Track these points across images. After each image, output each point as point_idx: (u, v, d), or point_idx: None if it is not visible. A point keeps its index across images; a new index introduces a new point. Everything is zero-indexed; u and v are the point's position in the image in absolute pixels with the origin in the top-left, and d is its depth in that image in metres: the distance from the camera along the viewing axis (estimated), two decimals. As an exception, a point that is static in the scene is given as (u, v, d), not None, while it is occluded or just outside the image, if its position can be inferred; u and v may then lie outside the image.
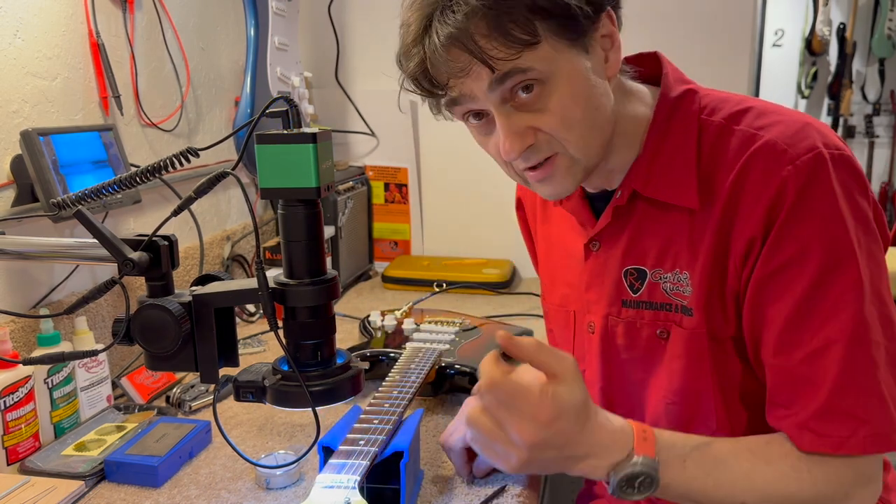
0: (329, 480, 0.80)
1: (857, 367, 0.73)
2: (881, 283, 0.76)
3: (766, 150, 0.76)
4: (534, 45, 0.72)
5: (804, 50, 4.58)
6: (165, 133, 1.51)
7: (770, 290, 0.77)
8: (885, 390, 0.73)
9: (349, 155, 2.08)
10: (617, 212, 0.87)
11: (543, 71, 0.74)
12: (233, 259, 1.69)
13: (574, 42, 0.75)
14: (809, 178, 0.74)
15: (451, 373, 1.20)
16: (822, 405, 0.73)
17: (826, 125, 0.80)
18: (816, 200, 0.74)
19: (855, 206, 0.75)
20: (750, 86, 1.82)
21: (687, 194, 0.81)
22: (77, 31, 1.26)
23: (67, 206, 0.80)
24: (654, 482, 0.72)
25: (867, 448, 0.72)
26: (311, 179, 0.72)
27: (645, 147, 0.84)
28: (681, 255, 0.83)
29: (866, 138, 4.70)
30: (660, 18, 1.81)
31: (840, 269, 0.73)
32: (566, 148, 0.79)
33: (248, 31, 1.67)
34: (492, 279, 1.83)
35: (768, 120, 0.79)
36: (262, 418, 1.16)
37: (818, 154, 0.74)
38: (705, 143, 0.81)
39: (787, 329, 0.76)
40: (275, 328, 0.74)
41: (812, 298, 0.74)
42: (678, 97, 0.84)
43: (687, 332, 0.83)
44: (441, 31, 0.72)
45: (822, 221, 0.74)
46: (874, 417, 0.73)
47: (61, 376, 1.09)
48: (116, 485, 0.97)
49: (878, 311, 0.74)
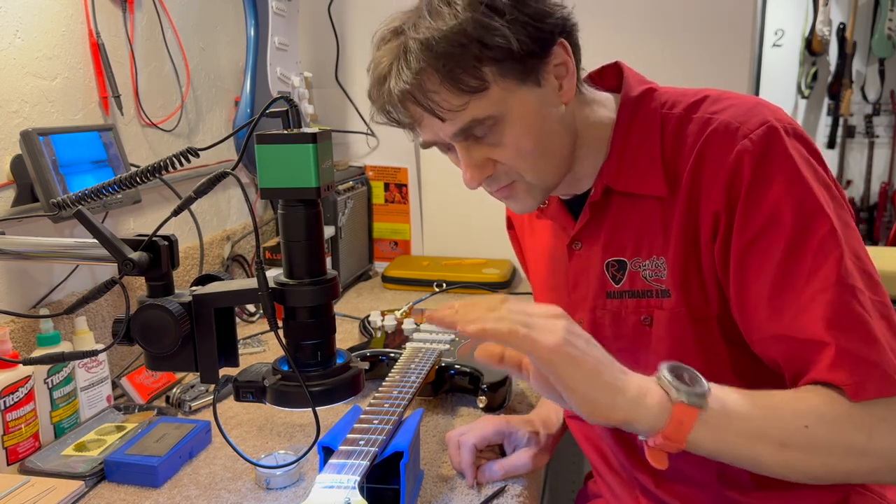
0: (329, 480, 0.80)
1: (850, 311, 0.73)
2: (856, 243, 0.77)
3: (720, 130, 0.81)
4: (483, 91, 0.78)
5: (804, 50, 4.59)
6: (165, 133, 1.51)
7: (750, 262, 0.78)
8: (879, 335, 0.73)
9: (349, 155, 2.08)
10: (593, 208, 0.90)
11: (497, 113, 0.80)
12: (233, 259, 1.69)
13: (524, 79, 0.80)
14: (765, 147, 0.77)
15: (451, 373, 1.20)
16: (834, 354, 0.72)
17: (779, 107, 0.84)
18: (776, 166, 0.77)
19: (815, 171, 0.78)
20: (750, 86, 1.82)
21: (654, 183, 0.85)
22: (77, 31, 1.26)
23: (67, 206, 0.80)
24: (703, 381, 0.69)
25: (881, 391, 0.71)
26: (311, 179, 0.72)
27: (612, 147, 0.88)
28: (656, 242, 0.86)
29: (866, 138, 4.70)
30: (660, 19, 1.81)
31: (813, 225, 0.75)
32: (522, 176, 0.85)
33: (248, 31, 1.67)
34: (492, 279, 1.83)
35: (722, 105, 0.84)
36: (262, 418, 1.16)
37: (771, 126, 0.78)
38: (668, 134, 0.85)
39: (775, 295, 0.76)
40: (275, 328, 0.74)
41: (792, 259, 0.76)
42: (639, 96, 0.88)
43: (667, 314, 0.86)
44: (395, 87, 0.78)
45: (786, 184, 0.76)
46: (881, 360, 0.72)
47: (61, 376, 1.09)
48: (116, 485, 0.97)
49: (856, 265, 0.75)
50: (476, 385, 1.16)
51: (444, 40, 0.75)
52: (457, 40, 0.75)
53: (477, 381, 1.16)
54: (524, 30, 0.77)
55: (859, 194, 4.79)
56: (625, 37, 1.85)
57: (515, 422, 1.02)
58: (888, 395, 0.71)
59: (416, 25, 0.77)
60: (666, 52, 1.83)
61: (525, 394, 1.23)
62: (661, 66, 1.87)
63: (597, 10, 1.85)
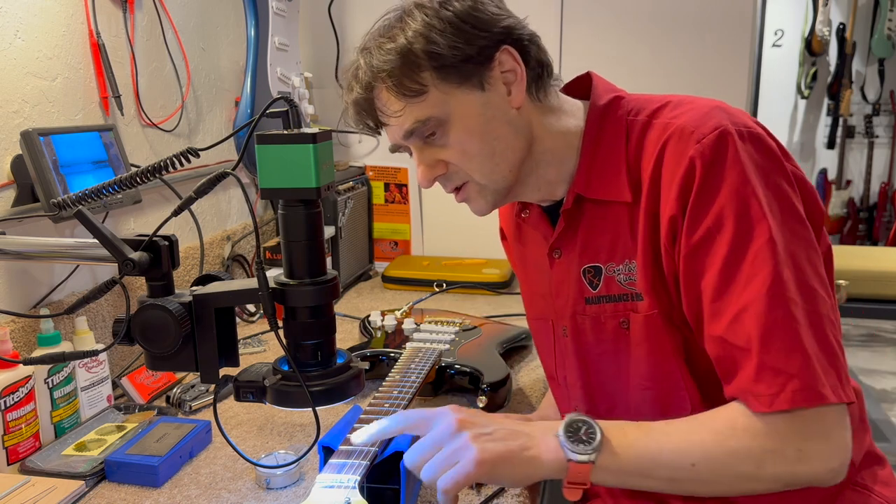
0: (329, 480, 0.80)
1: (777, 322, 0.75)
2: (798, 250, 0.78)
3: (676, 134, 0.82)
4: (423, 94, 0.84)
5: (804, 50, 4.58)
6: (166, 133, 1.51)
7: (696, 265, 0.80)
8: (807, 345, 0.74)
9: (349, 155, 2.08)
10: (567, 216, 0.92)
11: (440, 115, 0.86)
12: (233, 259, 1.69)
13: (463, 83, 0.85)
14: (715, 152, 0.79)
15: (451, 373, 1.20)
16: (755, 366, 0.75)
17: (742, 110, 0.85)
18: (724, 172, 0.79)
19: (766, 178, 0.79)
20: (750, 86, 1.83)
21: (621, 190, 0.87)
22: (77, 32, 1.26)
23: (68, 206, 0.80)
24: (598, 431, 0.77)
25: (795, 402, 0.73)
26: (311, 179, 0.72)
27: (582, 154, 0.91)
28: (627, 247, 0.88)
29: (866, 138, 4.70)
30: (660, 19, 1.81)
31: (753, 234, 0.77)
32: (472, 177, 0.89)
33: (248, 31, 1.67)
34: (492, 279, 1.83)
35: (681, 109, 0.85)
36: (263, 418, 1.16)
37: (723, 130, 0.80)
38: (632, 141, 0.88)
39: (715, 298, 0.79)
40: (275, 328, 0.74)
41: (731, 265, 0.77)
42: (606, 105, 0.91)
43: (642, 317, 0.87)
44: (349, 99, 0.89)
45: (732, 191, 0.78)
46: (800, 371, 0.74)
47: (62, 376, 1.10)
48: (117, 485, 0.97)
49: (794, 275, 0.77)
50: (476, 385, 1.16)
51: (390, 54, 0.84)
52: (400, 53, 0.84)
53: (477, 381, 1.16)
54: (461, 37, 0.83)
55: (859, 194, 4.79)
56: (625, 37, 1.85)
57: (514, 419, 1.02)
58: (804, 406, 0.73)
59: (370, 46, 0.87)
60: (666, 53, 1.83)
61: (525, 393, 1.23)
62: (662, 67, 1.88)
63: (597, 11, 1.85)
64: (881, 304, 2.59)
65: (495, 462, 0.76)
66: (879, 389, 3.37)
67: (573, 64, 1.89)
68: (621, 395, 0.93)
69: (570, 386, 0.99)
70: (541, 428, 0.81)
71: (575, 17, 1.87)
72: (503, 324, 1.46)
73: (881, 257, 2.88)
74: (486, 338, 1.34)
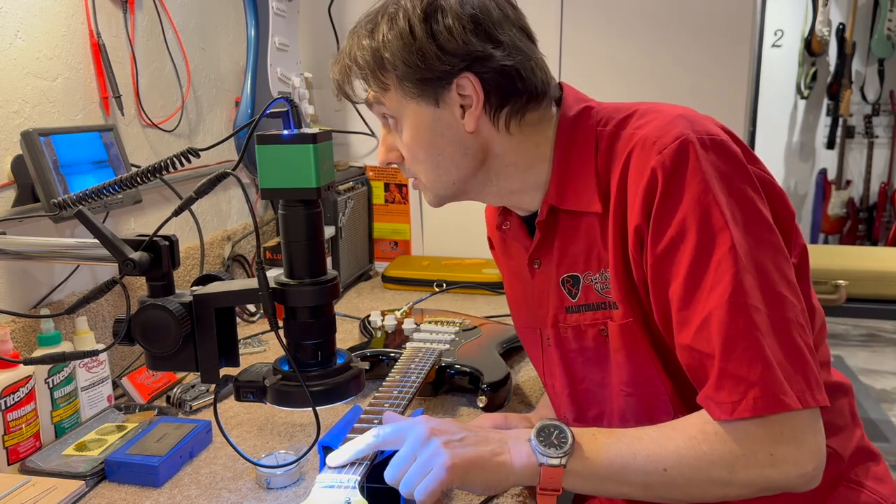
0: (329, 480, 0.80)
1: (737, 330, 0.75)
2: (763, 256, 0.78)
3: (639, 145, 0.83)
4: (386, 92, 0.89)
5: (804, 50, 4.59)
6: (166, 133, 1.51)
7: (662, 275, 0.81)
8: (769, 353, 0.75)
9: (349, 155, 2.08)
10: (543, 227, 0.93)
11: (393, 111, 0.90)
12: (233, 259, 1.69)
13: (419, 96, 0.87)
14: (675, 162, 0.79)
15: (451, 373, 1.20)
16: (717, 373, 0.76)
17: (708, 117, 0.86)
18: (685, 182, 0.79)
19: (729, 185, 0.80)
20: (750, 86, 1.83)
21: (591, 201, 0.88)
22: (78, 32, 1.26)
23: (68, 206, 0.81)
24: (569, 436, 0.79)
25: (757, 410, 0.74)
26: (311, 180, 0.72)
27: (554, 165, 0.92)
28: (602, 256, 0.89)
29: (866, 138, 4.71)
30: (660, 19, 1.81)
31: (715, 242, 0.77)
32: (418, 176, 0.94)
33: (248, 31, 1.67)
34: (492, 279, 1.83)
35: (647, 119, 0.86)
36: (263, 418, 1.16)
37: (683, 140, 0.80)
38: (601, 152, 0.89)
39: (682, 307, 0.79)
40: (275, 328, 0.74)
41: (695, 274, 0.78)
42: (576, 115, 0.91)
43: (618, 325, 0.88)
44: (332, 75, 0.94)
45: (693, 200, 0.78)
46: (760, 379, 0.74)
47: (62, 376, 1.10)
48: (117, 485, 0.97)
49: (758, 280, 0.77)
50: (476, 385, 1.16)
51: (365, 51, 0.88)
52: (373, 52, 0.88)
53: (477, 381, 1.16)
54: (424, 60, 0.85)
55: (859, 194, 4.79)
56: (625, 37, 1.85)
57: (513, 418, 1.02)
58: (765, 413, 0.74)
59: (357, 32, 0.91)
60: (666, 53, 1.83)
61: (525, 394, 1.24)
62: (662, 67, 1.88)
63: (597, 11, 1.85)
64: (881, 304, 2.59)
65: (466, 467, 0.77)
66: (879, 389, 3.37)
67: (573, 65, 1.90)
68: (607, 401, 0.94)
69: (558, 394, 1.00)
70: (513, 434, 0.83)
71: (575, 18, 1.87)
72: (503, 324, 1.46)
73: (881, 257, 2.88)
74: (486, 338, 1.34)
